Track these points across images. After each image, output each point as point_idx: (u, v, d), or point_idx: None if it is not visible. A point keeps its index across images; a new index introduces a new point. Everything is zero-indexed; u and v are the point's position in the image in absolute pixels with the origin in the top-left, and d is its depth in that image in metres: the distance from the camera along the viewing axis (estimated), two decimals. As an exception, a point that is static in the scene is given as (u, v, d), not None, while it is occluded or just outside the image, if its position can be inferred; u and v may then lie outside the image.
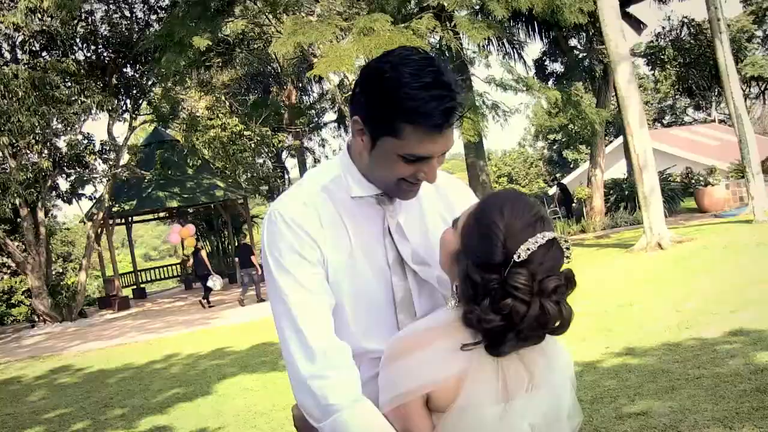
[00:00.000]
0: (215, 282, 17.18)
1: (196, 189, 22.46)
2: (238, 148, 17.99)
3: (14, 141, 15.68)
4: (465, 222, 1.39)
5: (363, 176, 1.54)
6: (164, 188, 21.87)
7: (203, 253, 18.59)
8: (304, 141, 29.58)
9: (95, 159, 19.11)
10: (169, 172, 21.37)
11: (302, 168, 30.44)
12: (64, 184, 20.55)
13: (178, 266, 28.08)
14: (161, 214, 27.40)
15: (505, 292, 1.26)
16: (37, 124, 14.70)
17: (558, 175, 37.42)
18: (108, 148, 19.50)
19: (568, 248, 1.35)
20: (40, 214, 18.77)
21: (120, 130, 50.82)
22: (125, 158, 20.80)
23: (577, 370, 5.65)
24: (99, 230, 21.65)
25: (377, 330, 1.49)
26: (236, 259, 19.21)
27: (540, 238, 1.29)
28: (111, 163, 19.54)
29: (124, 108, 20.61)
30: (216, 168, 21.03)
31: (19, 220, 19.20)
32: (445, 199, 1.67)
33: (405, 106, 1.36)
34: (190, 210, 26.20)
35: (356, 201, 1.55)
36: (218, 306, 17.45)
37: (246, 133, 17.96)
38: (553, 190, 25.74)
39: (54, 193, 20.11)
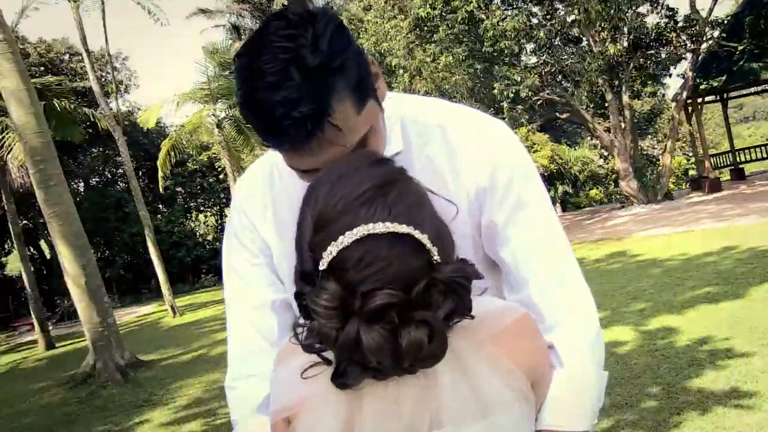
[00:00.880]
0: None
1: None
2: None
3: (581, 33, 16.20)
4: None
5: None
6: (759, 59, 19.62)
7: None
8: None
9: (678, 35, 18.32)
10: (765, 41, 19.00)
11: None
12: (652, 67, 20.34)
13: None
14: (755, 89, 24.71)
15: (309, 313, 0.89)
16: (602, 10, 14.81)
17: None
18: (690, 23, 18.44)
19: (424, 245, 0.87)
20: (625, 98, 19.10)
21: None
22: (712, 32, 19.33)
23: None
24: (688, 109, 20.99)
25: None
26: None
27: (348, 237, 0.85)
28: (694, 38, 18.45)
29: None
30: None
31: (606, 104, 19.94)
32: (449, 153, 1.16)
33: (245, 114, 0.98)
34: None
35: None
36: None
37: None
38: None
39: (638, 75, 20.04)
